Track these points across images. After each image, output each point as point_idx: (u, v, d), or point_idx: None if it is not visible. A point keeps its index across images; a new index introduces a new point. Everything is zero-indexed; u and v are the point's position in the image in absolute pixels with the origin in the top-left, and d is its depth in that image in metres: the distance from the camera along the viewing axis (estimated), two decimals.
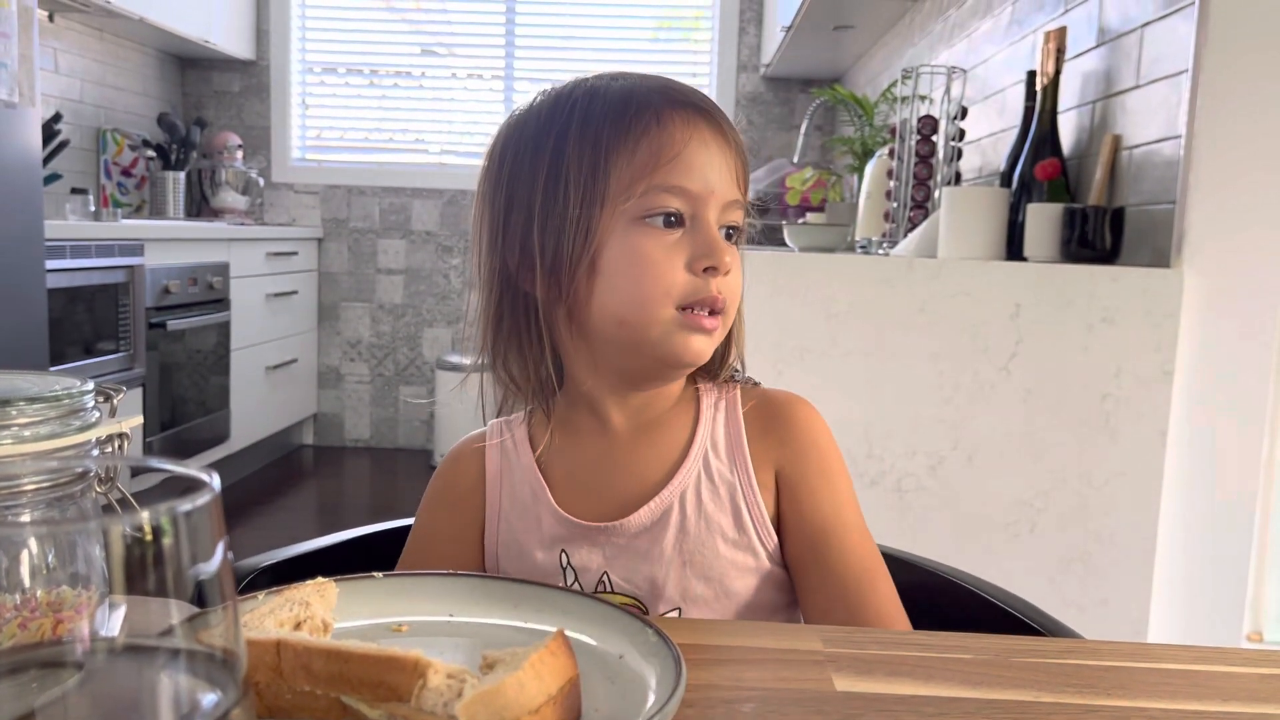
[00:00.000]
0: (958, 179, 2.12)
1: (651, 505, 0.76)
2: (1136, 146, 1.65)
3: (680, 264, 0.73)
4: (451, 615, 0.60)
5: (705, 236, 0.73)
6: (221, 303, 3.57)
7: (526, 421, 0.83)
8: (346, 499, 4.03)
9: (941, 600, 0.83)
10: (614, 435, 0.80)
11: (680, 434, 0.80)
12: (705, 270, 0.73)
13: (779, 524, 0.78)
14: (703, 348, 0.75)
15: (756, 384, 0.84)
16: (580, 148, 0.73)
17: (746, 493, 0.78)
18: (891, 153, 2.19)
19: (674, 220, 0.73)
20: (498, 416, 0.84)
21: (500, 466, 0.82)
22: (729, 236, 0.76)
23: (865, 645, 0.62)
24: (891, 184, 2.17)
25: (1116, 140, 1.70)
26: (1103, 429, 1.51)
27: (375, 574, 0.62)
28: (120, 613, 0.32)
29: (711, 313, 0.74)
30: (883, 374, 1.55)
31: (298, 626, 0.53)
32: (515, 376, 0.80)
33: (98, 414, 0.53)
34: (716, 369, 0.82)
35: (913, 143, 2.11)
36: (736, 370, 0.84)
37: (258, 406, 3.90)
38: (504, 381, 0.81)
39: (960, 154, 2.12)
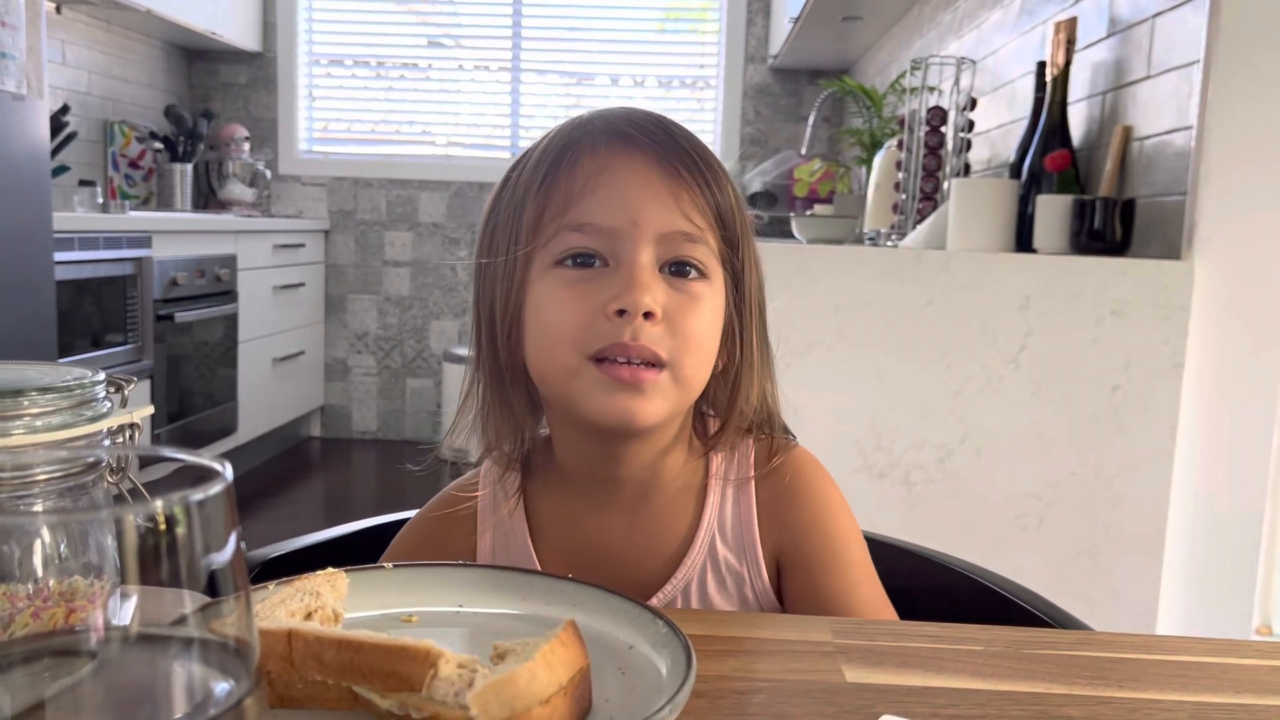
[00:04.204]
0: (967, 170, 2.11)
1: (654, 601, 0.71)
2: (1147, 138, 1.64)
3: (591, 306, 0.64)
4: (461, 606, 0.60)
5: (622, 275, 0.64)
6: (229, 295, 3.58)
7: (521, 494, 0.75)
8: (354, 491, 4.04)
9: (949, 592, 0.83)
10: (611, 514, 0.72)
11: (684, 514, 0.72)
12: (620, 314, 0.64)
13: (783, 593, 0.73)
14: (633, 409, 0.64)
15: (773, 436, 0.74)
16: (511, 194, 0.69)
17: (755, 584, 0.72)
18: (900, 144, 2.19)
19: (593, 262, 0.65)
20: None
21: (492, 538, 0.75)
22: (684, 274, 0.66)
23: (876, 637, 0.61)
24: (900, 176, 2.16)
25: (1127, 131, 1.69)
26: (1112, 422, 1.50)
27: (385, 565, 0.62)
28: (132, 603, 0.32)
29: (649, 365, 0.64)
30: (891, 367, 1.55)
31: (308, 616, 0.53)
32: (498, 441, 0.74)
33: (109, 404, 0.53)
34: (725, 432, 0.72)
35: (921, 134, 2.10)
36: (777, 430, 0.74)
37: (265, 398, 3.91)
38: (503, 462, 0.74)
39: (969, 145, 2.11)
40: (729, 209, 0.69)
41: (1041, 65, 1.82)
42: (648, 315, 0.64)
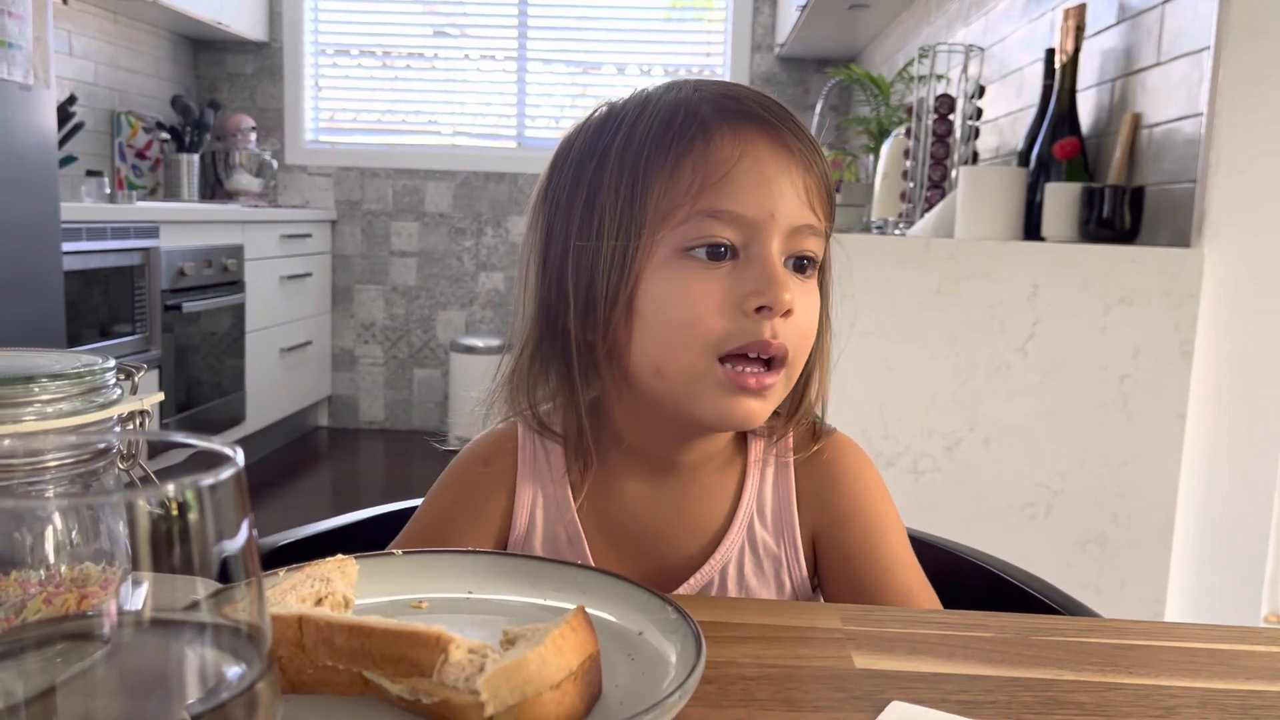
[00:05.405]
0: (975, 159, 2.10)
1: (692, 582, 0.71)
2: (1157, 125, 1.63)
3: (727, 303, 0.62)
4: (471, 592, 0.60)
5: (760, 270, 0.62)
6: (236, 285, 3.58)
7: (565, 450, 0.73)
8: (361, 481, 4.05)
9: (958, 580, 0.82)
10: (657, 491, 0.72)
11: (724, 495, 0.72)
12: (758, 310, 0.62)
13: (820, 577, 0.73)
14: (753, 412, 0.64)
15: (815, 424, 0.75)
16: (619, 169, 0.64)
17: (792, 567, 0.72)
18: (908, 132, 2.18)
19: (723, 252, 0.63)
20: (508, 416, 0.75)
21: (534, 495, 0.73)
22: (801, 268, 0.66)
23: (885, 623, 0.61)
24: (908, 164, 2.16)
25: (1136, 119, 1.68)
26: (1121, 410, 1.50)
27: (395, 551, 0.62)
28: (143, 589, 0.32)
29: (768, 366, 0.64)
30: (899, 355, 1.54)
31: (319, 602, 0.53)
32: (552, 425, 0.72)
33: (119, 391, 0.53)
34: (783, 424, 0.72)
35: (929, 122, 2.09)
36: (816, 418, 0.74)
37: (272, 389, 3.91)
38: (538, 429, 0.72)
39: (977, 133, 2.10)
40: (833, 199, 0.69)
41: (1050, 52, 1.81)
42: (786, 312, 0.63)
